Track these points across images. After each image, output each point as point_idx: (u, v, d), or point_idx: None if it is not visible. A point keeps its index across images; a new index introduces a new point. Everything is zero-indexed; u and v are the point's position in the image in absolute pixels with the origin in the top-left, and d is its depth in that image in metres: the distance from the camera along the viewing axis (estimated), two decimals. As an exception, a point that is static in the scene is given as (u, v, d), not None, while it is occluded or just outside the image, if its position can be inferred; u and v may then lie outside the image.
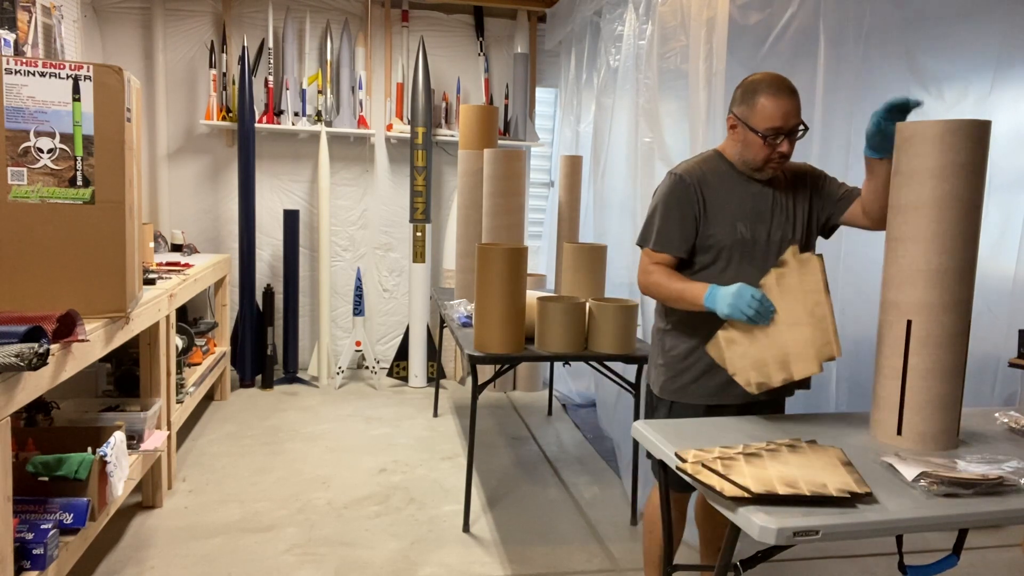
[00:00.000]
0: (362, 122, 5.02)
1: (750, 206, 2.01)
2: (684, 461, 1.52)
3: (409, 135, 4.99)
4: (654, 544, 2.20)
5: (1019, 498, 1.45)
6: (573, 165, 4.47)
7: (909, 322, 1.72)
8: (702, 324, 2.01)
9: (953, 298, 1.71)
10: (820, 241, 2.25)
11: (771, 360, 1.83)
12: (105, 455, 2.37)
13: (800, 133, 1.95)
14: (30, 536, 2.01)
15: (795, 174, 2.10)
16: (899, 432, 1.75)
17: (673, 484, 2.16)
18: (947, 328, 1.71)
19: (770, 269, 1.87)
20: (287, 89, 4.87)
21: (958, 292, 1.71)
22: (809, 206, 2.08)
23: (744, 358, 1.86)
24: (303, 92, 4.94)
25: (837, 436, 1.77)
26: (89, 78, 2.19)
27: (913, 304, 1.72)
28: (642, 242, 2.10)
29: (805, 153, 3.15)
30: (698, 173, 2.04)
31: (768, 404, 2.10)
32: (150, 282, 3.09)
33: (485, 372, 3.97)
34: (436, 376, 4.61)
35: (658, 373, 2.17)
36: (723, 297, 1.85)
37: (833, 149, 3.20)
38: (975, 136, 1.70)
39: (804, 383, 2.10)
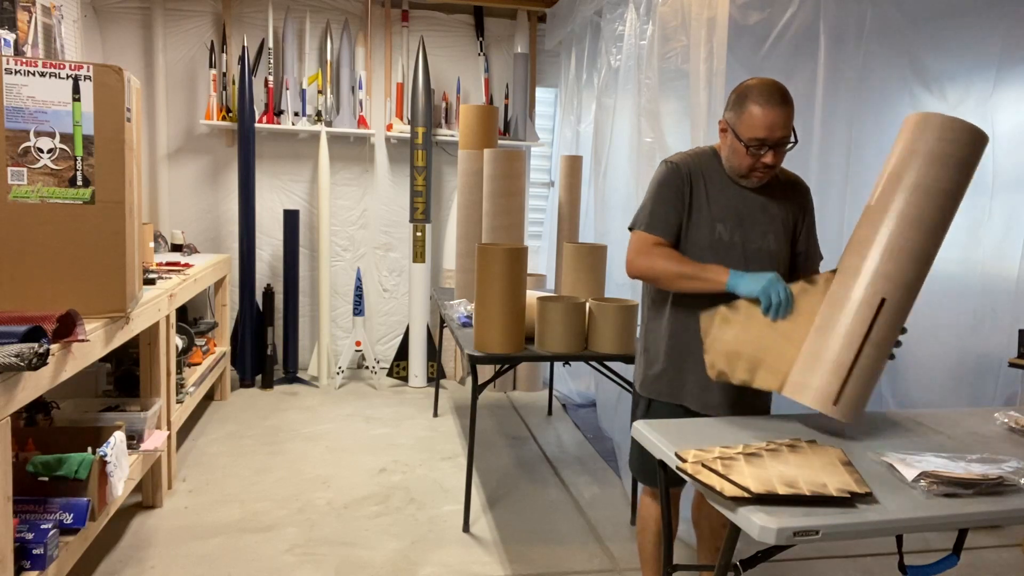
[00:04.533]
0: (362, 122, 5.02)
1: (734, 209, 2.00)
2: (684, 461, 1.52)
3: (409, 135, 4.99)
4: (646, 542, 2.22)
5: (1019, 498, 1.45)
6: (573, 165, 4.47)
7: (883, 299, 1.73)
8: (687, 319, 2.02)
9: (872, 266, 1.73)
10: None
11: (745, 358, 1.84)
12: (105, 455, 2.37)
13: (789, 146, 1.91)
14: (30, 536, 2.01)
15: (792, 186, 2.07)
16: (835, 401, 1.72)
17: (652, 480, 2.17)
18: (851, 292, 1.74)
19: (799, 279, 1.86)
20: (287, 89, 4.87)
21: (883, 266, 1.73)
22: (793, 223, 2.05)
23: (724, 343, 1.86)
24: (303, 92, 4.94)
25: (837, 436, 1.77)
26: (89, 78, 2.19)
27: (887, 279, 1.74)
28: (635, 225, 2.06)
29: (806, 153, 3.16)
30: (691, 164, 2.03)
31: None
32: (150, 282, 3.09)
33: (485, 372, 3.97)
34: (436, 376, 4.61)
35: (636, 369, 2.20)
36: (754, 279, 1.82)
37: (834, 150, 3.21)
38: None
39: (764, 406, 2.10)
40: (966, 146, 1.72)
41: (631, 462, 2.29)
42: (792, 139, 1.91)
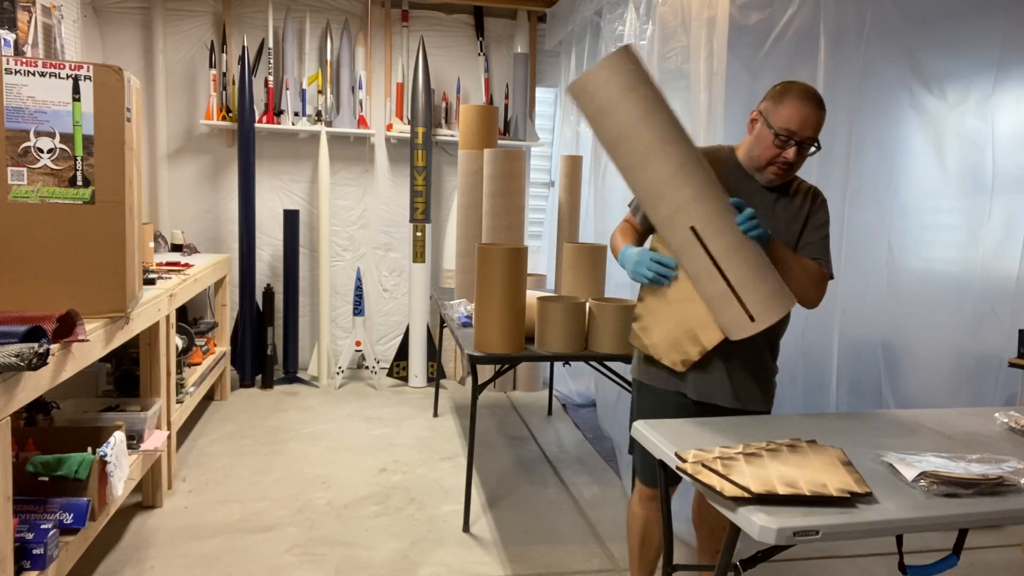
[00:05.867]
0: (362, 122, 5.02)
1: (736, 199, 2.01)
2: (684, 461, 1.52)
3: (409, 135, 4.99)
4: (632, 544, 2.25)
5: (1019, 498, 1.45)
6: (573, 165, 4.47)
7: (692, 227, 1.81)
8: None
9: (664, 212, 1.83)
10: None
11: (682, 338, 1.94)
12: (105, 455, 2.37)
13: (812, 150, 1.95)
14: (30, 536, 2.01)
15: (807, 196, 2.05)
16: (751, 318, 1.78)
17: (642, 477, 2.18)
18: (675, 239, 1.84)
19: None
20: (287, 89, 4.87)
21: (667, 206, 1.82)
22: (799, 230, 2.04)
23: (661, 344, 1.98)
24: (303, 92, 4.94)
25: (837, 436, 1.77)
26: (89, 78, 2.19)
27: (680, 210, 1.81)
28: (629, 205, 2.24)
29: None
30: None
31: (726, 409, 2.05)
32: (150, 282, 3.09)
33: (485, 372, 3.97)
34: (436, 376, 4.61)
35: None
36: (629, 257, 1.99)
37: (834, 150, 3.20)
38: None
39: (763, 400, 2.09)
40: (611, 81, 1.79)
41: (635, 457, 2.28)
42: (816, 145, 1.94)
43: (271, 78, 4.87)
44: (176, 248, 4.64)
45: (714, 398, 2.02)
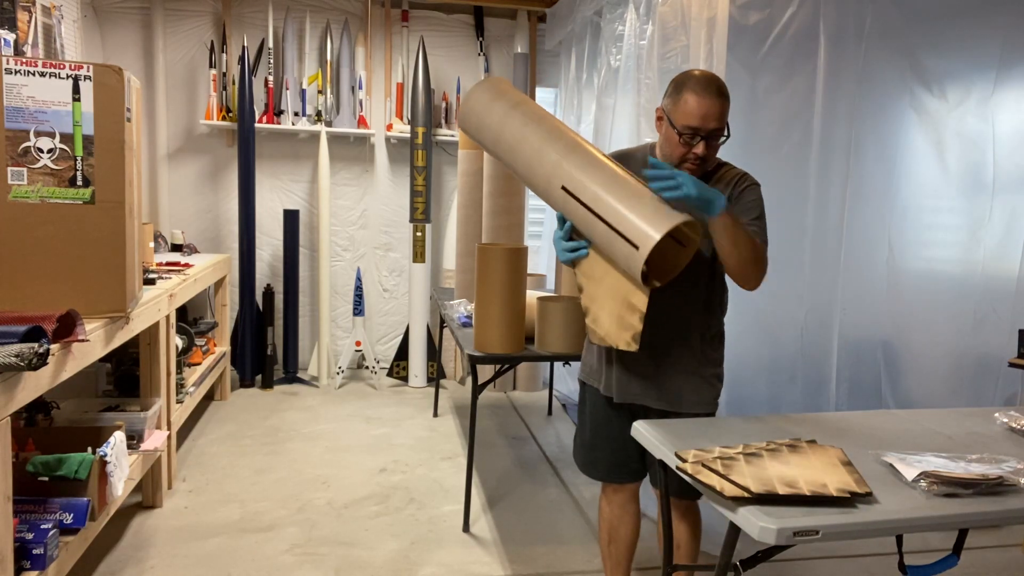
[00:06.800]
0: (362, 122, 5.02)
1: None
2: (684, 461, 1.52)
3: (409, 135, 4.99)
4: (602, 542, 2.26)
5: (1019, 498, 1.45)
6: (573, 165, 4.46)
7: (563, 187, 1.86)
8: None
9: (541, 188, 1.93)
10: (818, 244, 2.18)
11: (622, 309, 1.93)
12: (105, 455, 2.37)
13: (722, 139, 1.91)
14: (30, 536, 2.01)
15: (732, 181, 2.00)
16: (634, 246, 1.76)
17: (597, 474, 2.18)
18: (573, 168, 1.85)
19: None
20: (287, 89, 4.87)
21: (543, 181, 1.91)
22: None
23: (610, 326, 1.95)
24: (303, 92, 4.94)
25: (837, 436, 1.77)
26: (89, 78, 2.19)
27: (551, 179, 1.88)
28: None
29: (805, 154, 3.16)
30: (622, 153, 2.12)
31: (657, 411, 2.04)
32: (150, 282, 3.09)
33: (485, 372, 3.97)
34: (436, 376, 4.61)
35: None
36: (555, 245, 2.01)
37: (834, 150, 3.21)
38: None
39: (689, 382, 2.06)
40: (482, 96, 2.00)
41: (575, 454, 2.28)
42: (726, 133, 1.90)
43: (271, 78, 4.87)
44: (176, 248, 4.64)
45: (638, 399, 2.03)
